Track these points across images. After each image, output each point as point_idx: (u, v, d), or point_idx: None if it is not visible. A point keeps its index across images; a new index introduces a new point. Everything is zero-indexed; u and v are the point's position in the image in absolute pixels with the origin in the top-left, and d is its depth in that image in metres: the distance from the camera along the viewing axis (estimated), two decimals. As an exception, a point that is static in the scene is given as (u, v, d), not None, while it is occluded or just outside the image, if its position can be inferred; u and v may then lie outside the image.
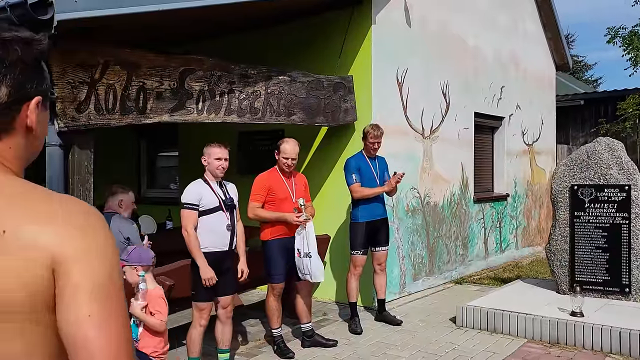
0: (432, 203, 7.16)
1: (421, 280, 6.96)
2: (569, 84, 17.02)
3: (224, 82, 4.59)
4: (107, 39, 4.12)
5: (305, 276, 4.60)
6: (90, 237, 0.91)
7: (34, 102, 0.98)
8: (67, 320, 0.86)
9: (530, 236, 9.81)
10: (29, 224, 0.88)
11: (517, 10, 9.30)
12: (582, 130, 13.05)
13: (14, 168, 0.98)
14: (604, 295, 5.43)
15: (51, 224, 0.89)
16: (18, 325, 0.86)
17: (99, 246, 0.91)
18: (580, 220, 5.55)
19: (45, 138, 3.59)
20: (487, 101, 8.40)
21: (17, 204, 0.90)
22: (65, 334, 0.87)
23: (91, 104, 3.68)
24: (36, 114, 0.99)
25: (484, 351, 4.66)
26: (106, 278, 0.90)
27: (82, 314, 0.86)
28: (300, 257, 4.56)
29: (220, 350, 4.23)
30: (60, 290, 0.87)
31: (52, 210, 0.91)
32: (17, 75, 0.95)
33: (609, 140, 5.56)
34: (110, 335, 0.87)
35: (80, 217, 0.92)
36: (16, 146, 0.99)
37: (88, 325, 0.86)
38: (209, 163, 4.06)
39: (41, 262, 0.86)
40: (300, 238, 4.56)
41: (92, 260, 0.89)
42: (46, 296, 0.87)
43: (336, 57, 6.28)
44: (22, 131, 0.98)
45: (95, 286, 0.88)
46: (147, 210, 6.80)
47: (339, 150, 6.33)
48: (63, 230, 0.89)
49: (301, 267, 4.57)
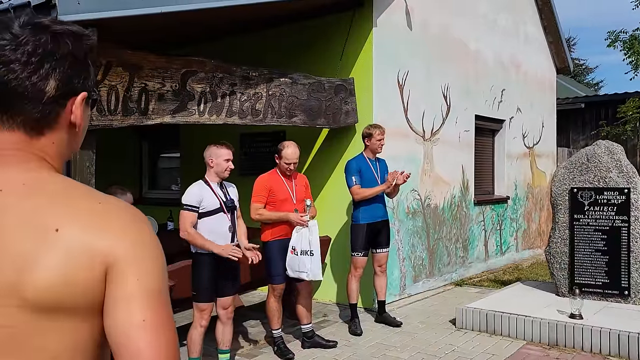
0: (433, 205, 7.18)
1: (421, 282, 6.97)
2: (570, 87, 17.04)
3: (225, 83, 4.62)
4: (109, 41, 4.14)
5: (301, 274, 4.55)
6: (140, 239, 0.89)
7: (80, 97, 0.96)
8: (118, 326, 0.85)
9: (531, 239, 9.82)
10: (78, 222, 0.86)
11: (518, 13, 9.33)
12: (582, 134, 13.07)
13: (55, 164, 0.96)
14: (603, 298, 5.44)
15: (101, 223, 0.87)
16: (65, 324, 0.85)
17: (150, 248, 0.89)
18: (580, 223, 5.56)
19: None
20: (487, 104, 8.43)
21: (60, 202, 0.88)
22: (116, 338, 0.85)
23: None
24: (81, 109, 0.97)
25: (483, 353, 4.67)
26: (159, 282, 0.88)
27: (136, 319, 0.84)
28: (297, 254, 4.54)
29: (221, 351, 4.25)
30: (112, 293, 0.85)
31: (100, 209, 0.89)
32: (66, 69, 0.93)
33: (608, 144, 5.58)
34: (161, 343, 0.85)
35: (127, 216, 0.91)
36: (59, 142, 0.97)
37: (141, 333, 0.84)
38: (217, 164, 4.04)
39: (92, 262, 0.84)
40: (299, 235, 4.55)
41: (145, 263, 0.87)
42: (96, 297, 0.85)
43: (337, 60, 6.31)
44: (65, 127, 0.96)
45: (148, 291, 0.86)
46: (149, 211, 6.83)
47: (340, 152, 6.36)
48: (113, 230, 0.87)
49: (295, 265, 4.54)
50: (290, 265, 4.57)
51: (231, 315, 4.20)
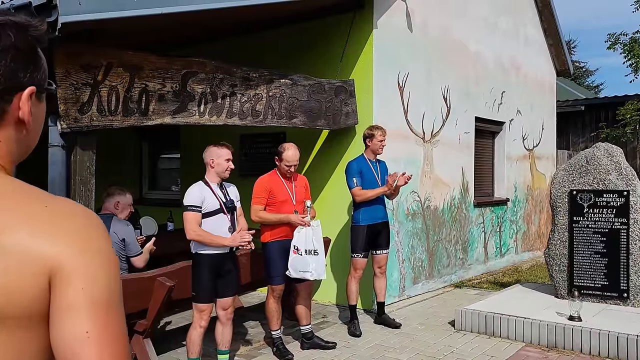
0: (432, 207, 7.19)
1: (421, 283, 6.98)
2: (570, 89, 17.05)
3: (225, 84, 4.63)
4: (109, 42, 4.15)
5: (305, 274, 4.55)
6: (90, 245, 0.83)
7: (26, 92, 0.90)
8: (63, 338, 0.80)
9: (530, 241, 9.82)
10: (22, 226, 0.80)
11: (518, 15, 9.34)
12: (582, 136, 13.08)
13: (4, 164, 0.91)
14: (602, 300, 5.45)
15: (46, 228, 0.81)
16: (8, 334, 0.80)
17: (99, 255, 0.84)
18: (579, 225, 5.57)
19: (48, 139, 3.62)
20: (487, 106, 8.44)
21: (6, 204, 0.83)
22: (60, 351, 0.80)
23: (94, 106, 3.72)
24: (29, 105, 0.91)
25: (482, 354, 4.68)
26: (106, 290, 0.82)
27: (80, 332, 0.79)
28: (301, 254, 4.54)
29: (220, 352, 4.25)
30: (56, 302, 0.80)
31: (47, 213, 0.83)
32: (9, 63, 0.88)
33: (607, 146, 5.58)
34: (106, 356, 0.80)
35: (77, 220, 0.85)
36: (7, 140, 0.91)
37: (84, 346, 0.79)
38: (217, 164, 4.05)
39: (36, 268, 0.79)
40: (300, 235, 4.55)
41: (92, 271, 0.82)
42: (42, 306, 0.80)
43: (338, 61, 6.32)
44: (13, 124, 0.90)
45: (94, 301, 0.80)
46: (149, 212, 6.83)
47: (340, 153, 6.36)
48: (60, 235, 0.81)
49: (299, 265, 4.54)
50: (293, 266, 4.55)
51: (231, 316, 4.21)
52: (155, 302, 4.15)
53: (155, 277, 4.17)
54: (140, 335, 4.24)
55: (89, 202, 3.78)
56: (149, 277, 4.17)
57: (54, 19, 3.22)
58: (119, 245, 4.42)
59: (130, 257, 4.49)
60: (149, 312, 4.19)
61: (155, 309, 4.14)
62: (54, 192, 3.70)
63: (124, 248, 4.46)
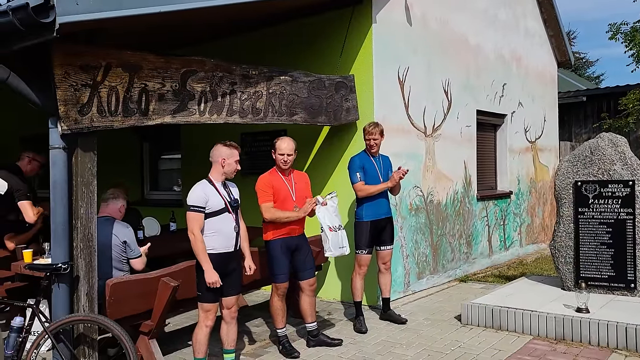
0: (436, 201, 7.15)
1: (425, 278, 6.95)
2: (571, 80, 17.00)
3: (225, 82, 4.60)
4: (108, 42, 4.13)
5: (343, 249, 4.74)
6: None
7: None
8: None
9: (535, 233, 9.79)
10: None
11: (518, 7, 9.29)
12: (584, 127, 13.03)
13: None
14: (610, 291, 5.42)
15: None
16: None
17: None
18: (585, 216, 5.53)
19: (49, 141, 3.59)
20: (489, 99, 8.40)
21: None
22: None
23: (94, 106, 3.69)
24: None
25: (490, 348, 4.65)
26: None
27: None
28: (336, 231, 4.70)
29: (226, 351, 4.23)
30: None
31: None
32: None
33: (612, 136, 5.54)
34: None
35: None
36: None
37: None
38: (228, 164, 4.05)
39: None
40: (325, 214, 4.68)
41: None
42: None
43: (337, 57, 6.28)
44: None
45: None
46: (151, 212, 6.81)
47: (342, 149, 6.33)
48: None
49: (338, 241, 4.71)
50: (334, 244, 4.68)
51: (235, 314, 4.19)
52: (160, 303, 4.13)
53: (160, 278, 4.16)
54: (146, 335, 4.22)
55: (91, 204, 3.76)
56: (153, 278, 4.16)
57: (52, 19, 3.19)
58: (121, 247, 4.40)
59: (130, 259, 4.48)
60: (154, 312, 4.17)
61: (160, 309, 4.13)
62: (56, 194, 3.69)
63: (125, 250, 4.44)
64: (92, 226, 3.78)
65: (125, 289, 4.00)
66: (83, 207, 3.72)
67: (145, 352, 4.22)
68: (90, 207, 3.75)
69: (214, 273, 3.88)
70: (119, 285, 3.98)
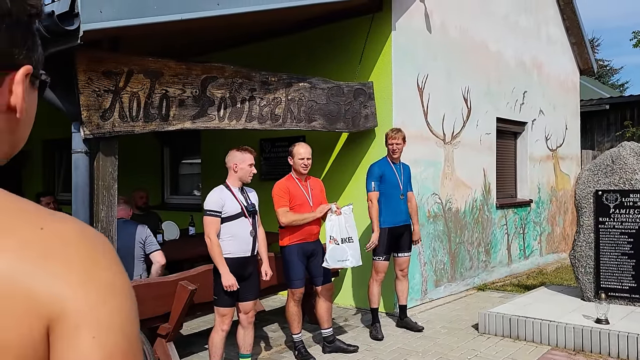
0: (454, 209, 7.11)
1: (443, 286, 6.91)
2: (594, 88, 16.77)
3: (245, 89, 4.65)
4: (130, 49, 4.21)
5: (345, 262, 4.62)
6: (98, 278, 0.63)
7: (21, 71, 0.70)
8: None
9: (555, 242, 9.66)
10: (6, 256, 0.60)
11: (539, 14, 9.22)
12: (607, 135, 12.85)
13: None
14: (630, 303, 5.33)
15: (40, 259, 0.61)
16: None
17: (112, 290, 0.64)
18: (605, 226, 5.46)
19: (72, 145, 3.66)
20: (509, 106, 8.33)
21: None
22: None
23: (115, 112, 3.76)
24: (23, 88, 0.71)
25: (507, 358, 4.60)
26: (124, 337, 0.63)
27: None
28: (338, 243, 4.59)
29: (242, 355, 4.26)
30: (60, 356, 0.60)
31: (41, 238, 0.62)
32: (3, 32, 0.68)
33: (634, 145, 5.47)
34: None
35: (82, 247, 0.64)
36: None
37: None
38: (241, 169, 4.08)
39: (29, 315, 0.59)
40: (334, 224, 4.60)
41: (103, 313, 0.62)
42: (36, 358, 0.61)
43: (356, 64, 6.31)
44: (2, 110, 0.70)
45: (110, 352, 0.61)
46: (171, 217, 6.90)
47: (360, 156, 6.34)
48: (58, 267, 0.61)
49: (337, 254, 4.58)
50: (331, 256, 4.59)
51: (252, 319, 4.22)
52: (178, 306, 4.18)
53: (178, 281, 4.21)
54: (163, 339, 4.27)
55: (112, 207, 3.83)
56: (171, 281, 4.21)
57: (76, 27, 3.27)
58: (141, 245, 4.49)
59: (151, 253, 4.55)
60: (172, 315, 4.22)
61: (178, 312, 4.17)
62: (77, 197, 3.76)
63: (144, 247, 4.52)
64: (113, 229, 3.84)
65: (143, 292, 4.06)
66: (104, 211, 3.79)
67: (163, 354, 4.27)
68: (110, 210, 3.82)
69: (231, 276, 3.92)
70: (137, 287, 4.04)
